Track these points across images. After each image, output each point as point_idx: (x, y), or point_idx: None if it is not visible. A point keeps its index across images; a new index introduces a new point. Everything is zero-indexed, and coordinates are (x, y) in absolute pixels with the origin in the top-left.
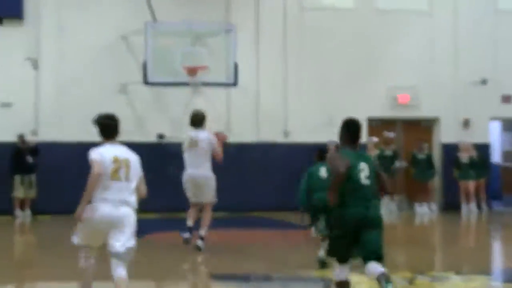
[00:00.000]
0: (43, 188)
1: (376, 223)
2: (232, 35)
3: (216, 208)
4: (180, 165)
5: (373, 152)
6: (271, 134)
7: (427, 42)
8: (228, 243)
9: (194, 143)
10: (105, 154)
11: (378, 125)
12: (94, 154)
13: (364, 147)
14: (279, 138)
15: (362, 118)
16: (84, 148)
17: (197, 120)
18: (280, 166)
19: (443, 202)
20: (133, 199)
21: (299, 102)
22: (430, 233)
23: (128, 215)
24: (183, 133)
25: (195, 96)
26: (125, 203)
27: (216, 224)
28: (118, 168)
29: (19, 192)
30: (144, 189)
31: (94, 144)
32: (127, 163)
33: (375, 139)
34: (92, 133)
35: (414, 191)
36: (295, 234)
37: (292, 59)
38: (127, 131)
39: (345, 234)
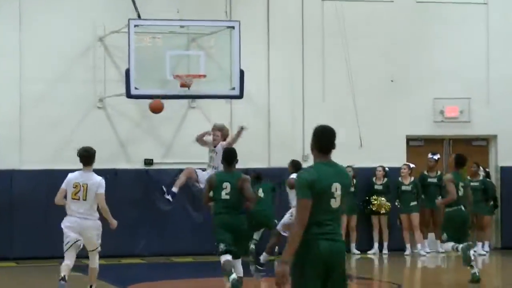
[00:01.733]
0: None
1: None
2: (236, 35)
3: None
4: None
5: (408, 181)
6: (285, 159)
7: (482, 42)
8: None
9: None
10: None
11: (420, 145)
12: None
13: (397, 173)
14: None
15: (400, 136)
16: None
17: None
18: None
19: (501, 241)
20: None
21: (320, 118)
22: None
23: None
24: (175, 158)
25: (190, 112)
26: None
27: None
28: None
29: None
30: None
31: (66, 172)
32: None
33: (411, 165)
34: (62, 160)
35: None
36: None
37: (311, 64)
38: (107, 157)
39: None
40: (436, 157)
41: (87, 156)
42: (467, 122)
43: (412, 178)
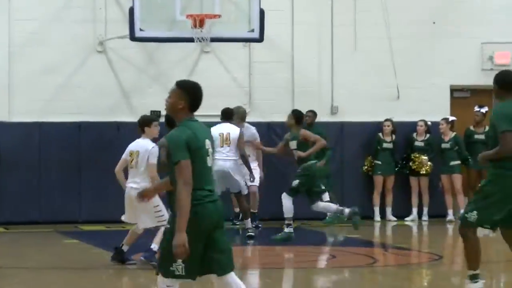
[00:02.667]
0: None
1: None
2: None
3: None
4: None
5: (448, 137)
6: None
7: None
8: None
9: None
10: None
11: (466, 97)
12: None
13: (435, 129)
14: (323, 117)
15: (443, 86)
16: (46, 129)
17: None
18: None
19: None
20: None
21: (351, 66)
22: None
23: None
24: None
25: (203, 57)
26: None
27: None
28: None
29: None
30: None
31: (59, 125)
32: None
33: (450, 118)
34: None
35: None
36: None
37: (342, 5)
38: (108, 108)
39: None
40: (483, 110)
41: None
42: None
43: (453, 134)
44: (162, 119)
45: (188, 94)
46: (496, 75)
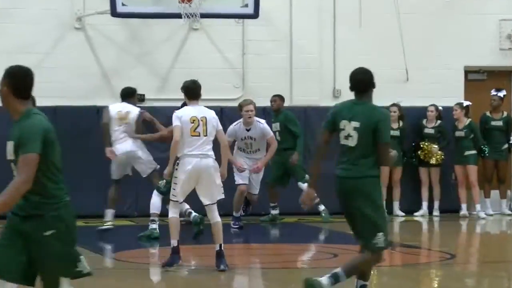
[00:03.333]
0: None
1: None
2: None
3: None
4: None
5: (462, 124)
6: (311, 95)
7: None
8: None
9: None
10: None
11: (482, 79)
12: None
13: (447, 115)
14: (325, 101)
15: (456, 68)
16: None
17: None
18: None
19: None
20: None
21: (356, 44)
22: None
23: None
24: (173, 93)
25: (192, 35)
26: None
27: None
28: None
29: None
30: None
31: None
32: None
33: (464, 103)
34: None
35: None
36: None
37: None
38: (87, 90)
39: None
40: (501, 94)
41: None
42: None
43: (468, 121)
44: (146, 104)
45: (10, 78)
46: None
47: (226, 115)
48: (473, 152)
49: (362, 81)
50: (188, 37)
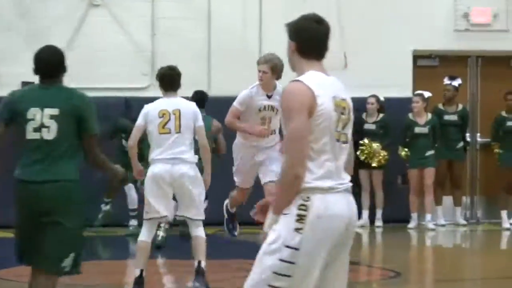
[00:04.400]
0: None
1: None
2: None
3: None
4: None
5: (423, 118)
6: (234, 83)
7: None
8: None
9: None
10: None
11: (434, 65)
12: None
13: (393, 107)
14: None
15: (403, 52)
16: None
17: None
18: None
19: None
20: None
21: (284, 23)
22: None
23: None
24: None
25: (92, 12)
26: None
27: None
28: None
29: None
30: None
31: None
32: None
33: (426, 94)
34: None
35: (501, 186)
36: None
37: None
38: None
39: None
40: (456, 83)
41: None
42: (504, 31)
43: (430, 116)
44: None
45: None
46: None
47: (132, 107)
48: (433, 152)
49: (50, 64)
50: (88, 14)
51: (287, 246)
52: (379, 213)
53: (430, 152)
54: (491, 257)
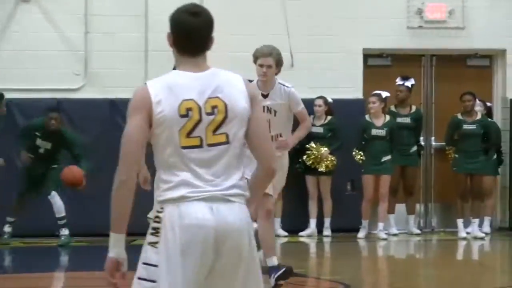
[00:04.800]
0: None
1: None
2: None
3: None
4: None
5: (381, 120)
6: None
7: None
8: None
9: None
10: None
11: (386, 65)
12: None
13: (361, 106)
14: None
15: (353, 50)
16: None
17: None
18: None
19: (509, 217)
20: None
21: (229, 22)
22: None
23: None
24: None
25: (21, 8)
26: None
27: None
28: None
29: None
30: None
31: None
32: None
33: (383, 94)
34: None
35: (457, 193)
36: None
37: None
38: None
39: None
40: (409, 83)
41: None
42: (460, 29)
43: (388, 118)
44: None
45: None
46: None
47: (64, 110)
48: (389, 157)
49: None
50: (17, 10)
51: (145, 263)
52: (327, 221)
53: (386, 158)
54: (446, 268)
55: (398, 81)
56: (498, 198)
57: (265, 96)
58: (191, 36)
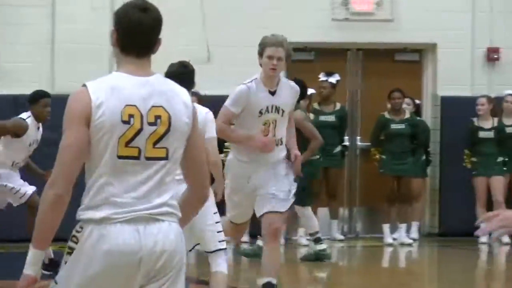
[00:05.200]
0: None
1: None
2: None
3: None
4: None
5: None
6: (81, 78)
7: None
8: None
9: None
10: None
11: (309, 59)
12: None
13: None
14: None
15: None
16: None
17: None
18: None
19: (438, 222)
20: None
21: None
22: None
23: None
24: None
25: None
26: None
27: None
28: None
29: None
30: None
31: None
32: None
33: (310, 90)
34: None
35: (383, 197)
36: None
37: None
38: None
39: None
40: (333, 79)
41: None
42: (389, 21)
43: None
44: None
45: None
46: None
47: None
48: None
49: None
50: None
51: (56, 282)
52: None
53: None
54: (372, 277)
55: (322, 77)
56: (427, 202)
57: (272, 94)
58: (139, 34)
